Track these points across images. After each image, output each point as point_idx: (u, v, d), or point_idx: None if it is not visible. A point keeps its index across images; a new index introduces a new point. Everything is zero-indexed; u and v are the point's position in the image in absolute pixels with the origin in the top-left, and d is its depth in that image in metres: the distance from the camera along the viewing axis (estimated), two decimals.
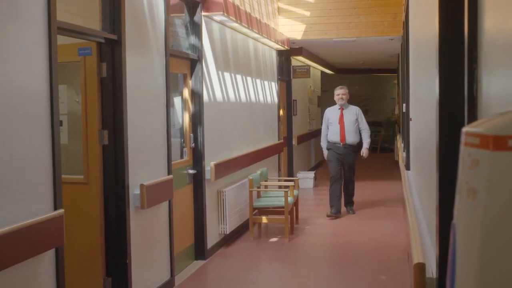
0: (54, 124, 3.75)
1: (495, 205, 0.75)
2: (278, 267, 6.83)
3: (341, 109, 9.26)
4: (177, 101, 6.56)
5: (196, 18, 6.71)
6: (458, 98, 1.82)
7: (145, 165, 5.21)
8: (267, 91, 10.31)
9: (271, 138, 10.49)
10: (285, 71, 12.28)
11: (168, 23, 5.74)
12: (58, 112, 3.85)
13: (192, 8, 6.72)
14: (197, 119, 6.69)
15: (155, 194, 5.21)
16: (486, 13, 1.49)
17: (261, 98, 9.81)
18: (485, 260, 0.75)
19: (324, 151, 9.42)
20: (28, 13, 3.54)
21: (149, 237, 5.32)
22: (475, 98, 1.62)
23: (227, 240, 7.57)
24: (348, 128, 9.14)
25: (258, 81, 9.62)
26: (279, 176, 11.00)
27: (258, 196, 8.34)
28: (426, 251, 2.97)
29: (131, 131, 4.91)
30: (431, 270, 2.58)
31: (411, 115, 6.20)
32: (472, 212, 0.78)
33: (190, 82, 6.69)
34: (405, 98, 7.69)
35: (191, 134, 6.65)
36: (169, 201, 5.69)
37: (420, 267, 2.50)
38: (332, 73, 19.27)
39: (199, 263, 6.62)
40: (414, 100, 5.44)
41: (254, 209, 7.94)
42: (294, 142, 12.64)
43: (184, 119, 6.59)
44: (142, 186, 4.98)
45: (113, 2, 4.75)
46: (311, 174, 12.43)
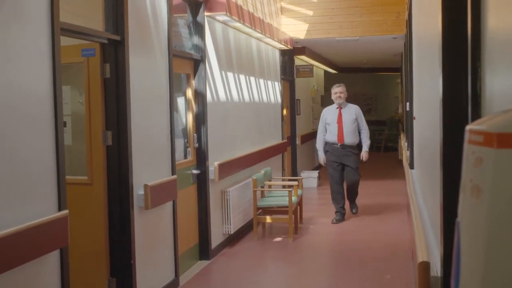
0: (58, 125, 3.75)
1: (499, 203, 0.75)
2: (283, 267, 6.83)
3: (339, 108, 8.77)
4: (181, 101, 6.56)
5: (199, 18, 6.72)
6: (462, 96, 1.81)
7: (149, 166, 5.21)
8: (271, 91, 10.30)
9: (275, 138, 10.49)
10: (288, 71, 12.28)
11: (171, 24, 5.74)
12: (62, 113, 3.85)
13: (195, 8, 6.73)
14: (201, 119, 6.70)
15: (159, 195, 5.21)
16: (490, 11, 1.48)
17: (265, 98, 9.81)
18: (490, 258, 0.75)
19: (320, 154, 8.86)
20: (31, 14, 3.54)
21: (153, 238, 5.32)
22: (479, 96, 1.62)
23: (231, 240, 7.57)
24: (347, 128, 8.65)
25: (262, 81, 9.62)
26: (283, 176, 11.00)
27: (262, 196, 8.34)
28: (431, 250, 2.96)
29: (135, 132, 4.91)
30: (436, 269, 2.57)
31: (415, 114, 6.19)
32: (476, 210, 0.78)
33: (194, 82, 6.69)
34: (409, 97, 7.68)
35: (195, 134, 6.65)
36: (173, 201, 5.69)
37: (425, 266, 2.50)
38: (335, 72, 19.27)
39: (204, 263, 6.63)
40: (418, 99, 5.43)
41: (258, 209, 7.94)
42: (298, 142, 12.64)
43: (188, 119, 6.59)
44: (146, 187, 4.99)
45: (116, 3, 4.75)
46: (315, 174, 12.42)
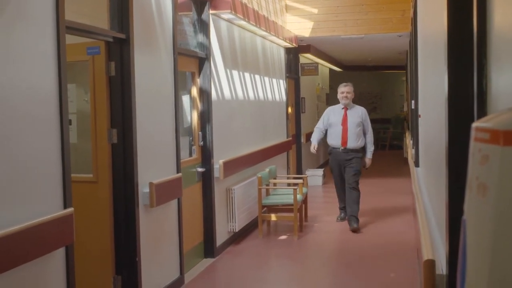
0: (63, 123, 3.76)
1: (506, 200, 0.74)
2: (287, 265, 6.83)
3: (345, 109, 8.25)
4: (186, 100, 6.56)
5: (204, 16, 6.72)
6: (468, 94, 1.81)
7: (154, 164, 5.22)
8: (276, 89, 10.30)
9: (280, 136, 10.49)
10: (293, 69, 12.27)
11: (176, 22, 5.74)
12: (67, 111, 3.86)
13: (200, 7, 6.73)
14: (206, 117, 6.70)
15: (164, 192, 5.22)
16: (496, 8, 1.48)
17: (270, 96, 9.81)
18: (496, 256, 0.75)
19: (313, 142, 8.36)
20: (37, 13, 3.55)
21: (159, 235, 5.33)
22: (485, 94, 1.61)
23: (236, 238, 7.58)
24: (351, 131, 8.12)
25: (267, 79, 9.62)
26: (288, 174, 11.00)
27: (267, 194, 8.34)
28: (436, 248, 2.96)
29: (140, 130, 4.92)
30: (441, 267, 2.57)
31: (420, 112, 6.18)
32: (483, 208, 0.77)
33: (198, 80, 6.69)
34: (414, 95, 7.66)
35: (200, 132, 6.66)
36: (178, 199, 5.69)
37: (430, 264, 2.49)
38: (340, 70, 19.24)
39: (208, 261, 6.64)
40: (423, 97, 5.42)
41: (263, 207, 7.94)
42: (303, 140, 12.63)
43: (193, 117, 6.59)
44: (151, 185, 4.99)
45: (121, 1, 4.75)
46: (320, 172, 12.41)
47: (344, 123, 8.14)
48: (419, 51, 6.30)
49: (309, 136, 13.24)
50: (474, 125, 0.82)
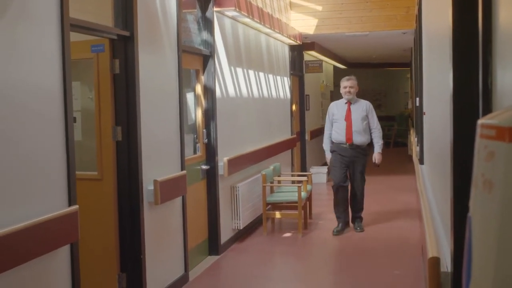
0: (68, 121, 3.77)
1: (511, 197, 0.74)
2: (292, 262, 6.83)
3: (349, 104, 7.82)
4: (190, 97, 6.57)
5: (208, 14, 6.71)
6: (472, 92, 1.80)
7: (159, 161, 5.23)
8: (280, 86, 10.29)
9: (284, 133, 10.49)
10: (298, 66, 12.26)
11: (180, 19, 5.74)
12: (72, 109, 3.87)
13: (204, 4, 6.72)
14: (210, 115, 6.70)
15: (169, 190, 5.22)
16: (501, 5, 1.47)
17: (274, 93, 9.80)
18: (502, 253, 0.74)
19: (327, 155, 7.98)
20: (41, 11, 3.55)
21: (163, 233, 5.34)
22: (490, 91, 1.61)
23: (241, 235, 7.58)
24: (356, 127, 7.68)
25: (271, 76, 9.61)
26: (292, 171, 10.99)
27: (271, 191, 8.34)
28: (441, 245, 2.95)
29: (144, 127, 4.93)
30: (446, 264, 2.57)
31: (425, 109, 6.17)
32: (488, 205, 0.77)
33: (203, 78, 6.70)
34: (419, 92, 7.65)
35: (204, 130, 6.66)
36: (183, 197, 5.70)
37: (435, 261, 2.49)
38: (345, 68, 19.22)
39: (213, 259, 6.64)
40: (428, 94, 5.41)
41: (267, 204, 7.94)
42: (307, 137, 12.62)
43: (197, 115, 6.60)
44: (156, 182, 5.00)
45: None
46: (324, 169, 12.40)
47: (348, 118, 7.74)
48: (424, 48, 6.28)
49: (314, 134, 13.29)
50: (480, 122, 0.82)
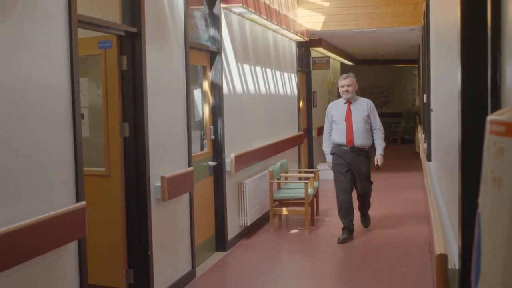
0: (76, 117, 3.78)
1: None
2: (299, 259, 6.83)
3: (348, 104, 7.27)
4: (197, 93, 6.57)
5: (215, 10, 6.71)
6: (481, 88, 1.79)
7: (166, 157, 5.23)
8: (287, 83, 10.28)
9: (291, 130, 10.48)
10: (305, 63, 12.25)
11: (188, 16, 5.74)
12: (80, 105, 3.88)
13: (211, 0, 6.72)
14: (217, 111, 6.70)
15: (176, 186, 5.23)
16: (510, 0, 1.46)
17: (281, 90, 9.80)
18: (511, 249, 0.74)
19: (328, 158, 7.49)
20: (49, 7, 3.56)
21: (170, 229, 5.35)
22: (499, 88, 1.60)
23: (248, 232, 7.59)
24: (357, 127, 7.15)
25: (278, 73, 9.60)
26: (299, 168, 10.99)
27: (279, 188, 8.34)
28: (448, 242, 2.95)
29: (152, 124, 4.93)
30: (453, 261, 2.56)
31: (432, 106, 6.15)
32: (498, 201, 0.77)
33: (210, 74, 6.70)
34: (426, 89, 7.62)
35: (211, 126, 6.67)
36: (190, 193, 5.71)
37: (442, 258, 2.48)
38: (352, 64, 19.18)
39: (220, 255, 6.65)
40: (436, 91, 5.39)
41: (275, 201, 7.94)
42: (314, 134, 12.61)
43: (204, 111, 6.60)
44: (163, 178, 5.01)
45: None
46: None
47: (348, 119, 7.20)
48: (432, 45, 6.26)
49: (321, 131, 13.23)
50: (489, 118, 0.82)
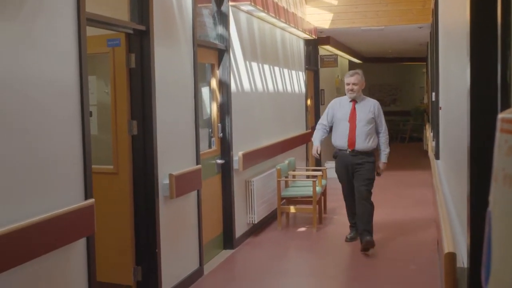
0: (84, 115, 3.79)
1: None
2: (306, 257, 6.83)
3: (354, 103, 6.74)
4: (205, 91, 6.57)
5: (224, 8, 6.71)
6: (491, 86, 1.79)
7: (174, 155, 5.24)
8: (295, 81, 10.28)
9: (299, 128, 10.47)
10: (313, 61, 12.23)
11: (196, 13, 5.75)
12: (88, 103, 3.89)
13: None
14: (225, 109, 6.71)
15: (184, 184, 5.24)
16: None
17: (289, 88, 9.79)
18: None
19: (315, 144, 6.97)
20: (57, 5, 3.57)
21: (178, 227, 5.36)
22: (509, 85, 1.60)
23: (255, 230, 7.59)
24: (361, 130, 6.61)
25: (286, 71, 9.59)
26: (307, 166, 10.98)
27: (286, 186, 8.34)
28: (457, 241, 2.94)
29: (160, 121, 4.94)
30: (462, 260, 2.56)
31: (441, 104, 6.13)
32: (509, 199, 0.77)
33: (218, 72, 6.70)
34: (435, 87, 7.60)
35: (219, 124, 6.67)
36: (198, 191, 5.72)
37: (451, 257, 2.48)
38: (360, 62, 19.14)
39: (228, 253, 6.66)
40: (444, 89, 5.37)
41: (282, 199, 7.94)
42: None
43: (212, 109, 6.61)
44: (171, 176, 5.01)
45: None
46: None
47: (352, 120, 6.66)
48: (440, 43, 6.24)
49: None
50: (501, 116, 0.81)
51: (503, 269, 0.77)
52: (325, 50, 13.13)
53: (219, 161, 6.66)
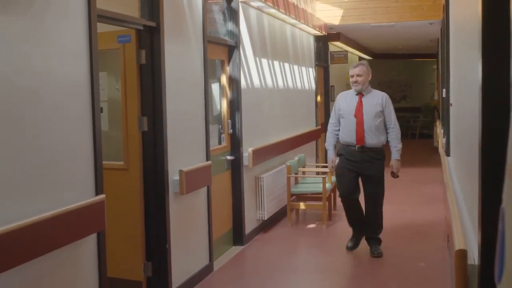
0: (95, 111, 3.80)
1: None
2: (316, 253, 6.83)
3: (360, 96, 6.23)
4: (215, 87, 6.58)
5: (234, 4, 6.71)
6: (503, 82, 1.78)
7: (184, 151, 5.25)
8: (305, 77, 10.26)
9: (309, 124, 10.46)
10: (323, 57, 12.21)
11: (206, 10, 5.75)
12: (99, 99, 3.90)
13: None
14: (235, 105, 6.71)
15: (194, 180, 5.25)
16: None
17: (299, 84, 9.78)
18: None
19: (329, 153, 6.41)
20: (68, 2, 3.58)
21: (188, 223, 5.37)
22: None
23: (265, 226, 7.60)
24: (369, 124, 6.09)
25: (296, 67, 9.58)
26: (317, 163, 10.97)
27: (296, 182, 8.34)
28: (468, 238, 2.93)
29: (170, 118, 4.95)
30: (473, 257, 2.55)
31: (452, 101, 6.10)
32: None
33: (228, 69, 6.70)
34: (445, 83, 7.56)
35: (229, 120, 6.67)
36: (208, 187, 5.73)
37: (462, 254, 2.47)
38: (370, 58, 19.08)
39: (238, 249, 6.67)
40: (455, 85, 5.35)
41: (292, 195, 7.94)
42: None
43: (222, 105, 6.61)
44: (181, 172, 5.02)
45: None
46: None
47: (359, 114, 6.16)
48: (451, 39, 6.20)
49: None
50: None
51: None
52: (335, 47, 13.10)
53: (229, 157, 6.67)
